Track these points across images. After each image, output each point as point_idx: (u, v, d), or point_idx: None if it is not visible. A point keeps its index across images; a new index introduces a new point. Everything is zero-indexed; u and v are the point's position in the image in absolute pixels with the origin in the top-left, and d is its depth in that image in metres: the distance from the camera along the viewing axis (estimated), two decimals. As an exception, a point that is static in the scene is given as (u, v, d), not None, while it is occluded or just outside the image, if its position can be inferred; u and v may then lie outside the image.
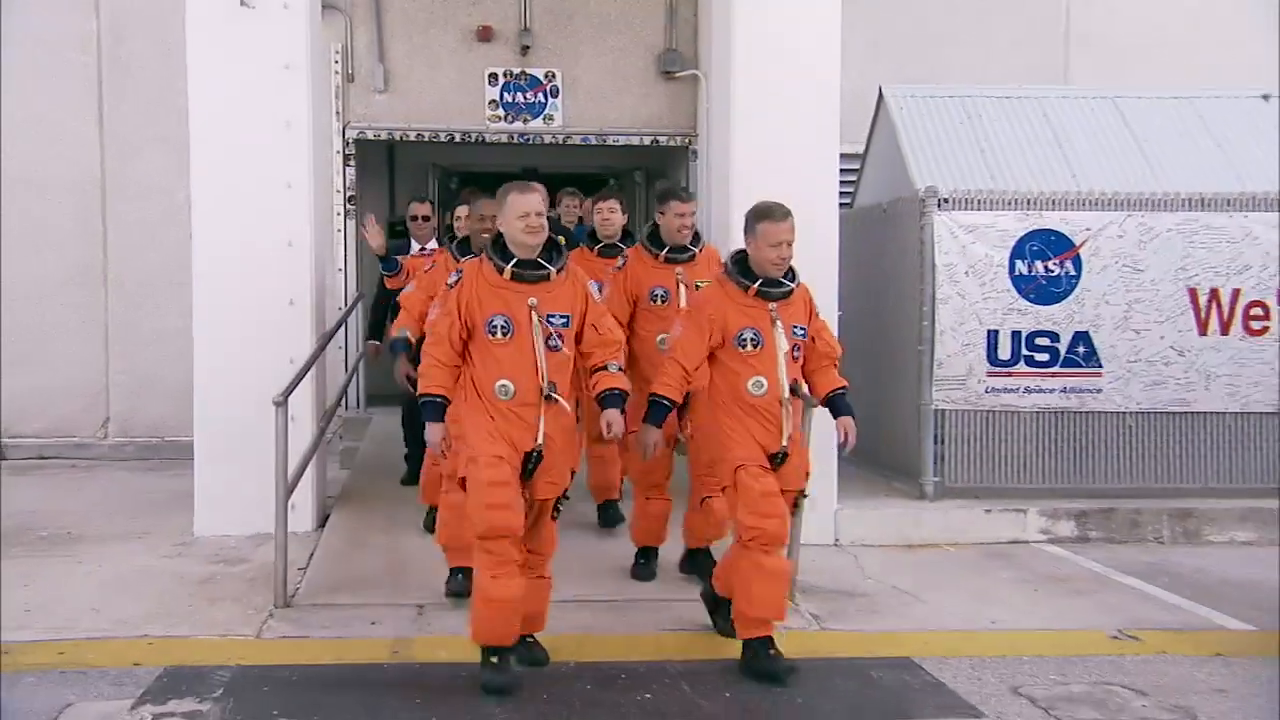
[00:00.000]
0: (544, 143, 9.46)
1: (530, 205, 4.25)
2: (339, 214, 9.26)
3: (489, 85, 9.28)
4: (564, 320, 4.30)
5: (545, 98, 9.32)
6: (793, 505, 4.62)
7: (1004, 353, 7.03)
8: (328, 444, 7.22)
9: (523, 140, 9.42)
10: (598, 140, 9.41)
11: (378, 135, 9.40)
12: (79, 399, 9.17)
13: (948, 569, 6.18)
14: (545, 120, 9.31)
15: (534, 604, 4.35)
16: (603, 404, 4.37)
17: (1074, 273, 7.06)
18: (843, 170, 7.00)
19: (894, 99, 7.84)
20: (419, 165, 10.86)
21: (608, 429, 4.35)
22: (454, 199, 8.19)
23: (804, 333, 4.62)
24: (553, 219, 5.79)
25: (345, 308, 8.47)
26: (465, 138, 9.37)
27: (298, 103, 6.53)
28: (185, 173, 6.60)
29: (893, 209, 7.55)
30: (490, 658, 4.23)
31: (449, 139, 9.39)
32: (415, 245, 7.20)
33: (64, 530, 6.65)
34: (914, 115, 7.71)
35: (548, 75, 9.30)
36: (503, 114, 9.29)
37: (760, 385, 4.48)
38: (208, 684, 4.28)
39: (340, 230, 9.28)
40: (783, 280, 4.55)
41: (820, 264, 5.94)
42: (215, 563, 5.94)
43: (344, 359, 8.69)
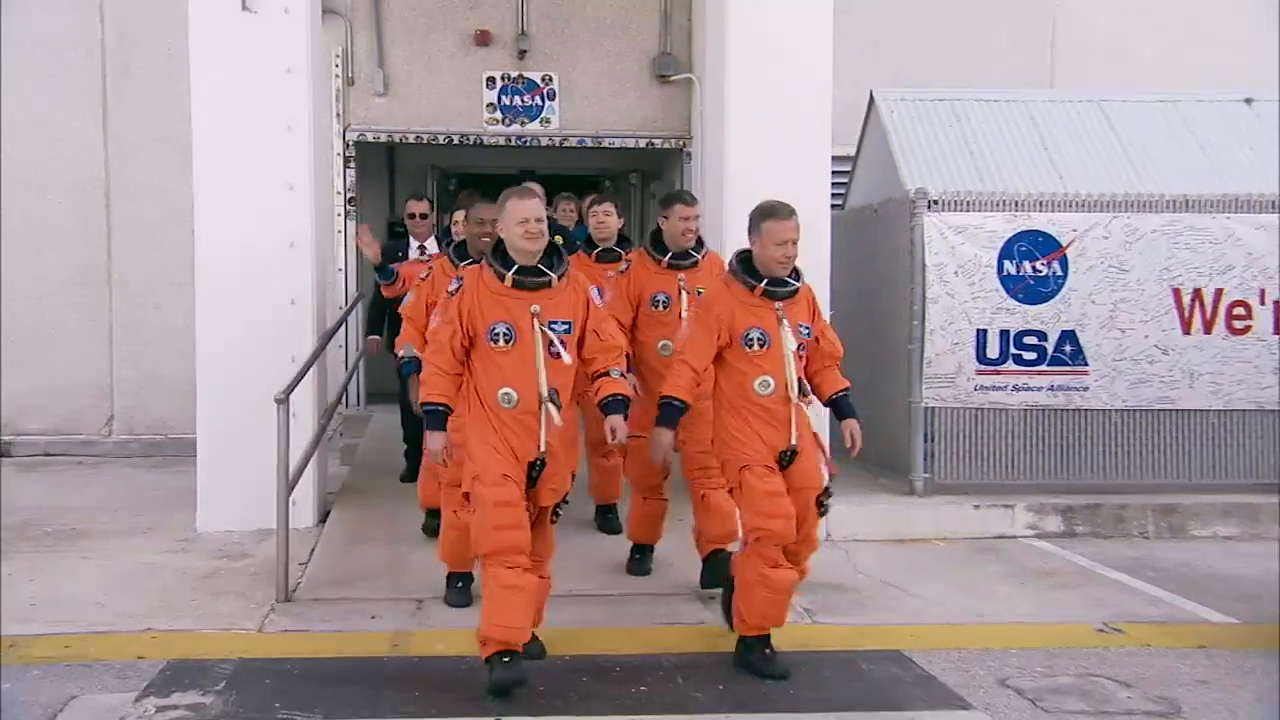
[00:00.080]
0: (541, 145, 9.47)
1: (529, 211, 4.15)
2: (339, 215, 9.26)
3: (487, 89, 9.29)
4: (566, 327, 4.20)
5: (542, 101, 9.32)
6: (816, 504, 4.48)
7: (992, 351, 7.04)
8: (328, 441, 7.22)
9: (520, 143, 9.42)
10: (594, 143, 9.42)
11: (378, 138, 9.41)
12: (84, 397, 9.16)
13: (937, 564, 6.19)
14: (542, 123, 9.32)
15: (534, 602, 4.27)
16: (605, 410, 4.26)
17: (1061, 273, 7.07)
18: (835, 172, 7.03)
19: (884, 102, 7.84)
20: (418, 167, 10.87)
21: (612, 435, 4.25)
22: (452, 200, 8.20)
23: (809, 331, 4.52)
24: (551, 219, 5.75)
25: (345, 307, 8.48)
26: (464, 140, 9.37)
27: (299, 106, 6.53)
28: (187, 173, 6.60)
29: (884, 210, 7.56)
30: (501, 656, 4.08)
31: (448, 141, 9.39)
32: (414, 243, 7.21)
33: (69, 526, 6.65)
34: (904, 118, 7.71)
35: (544, 79, 9.31)
36: (500, 117, 9.30)
37: (767, 385, 4.38)
38: (210, 677, 4.29)
39: (341, 231, 9.27)
40: (788, 279, 4.46)
41: (813, 264, 5.88)
42: (218, 558, 5.94)
43: (344, 357, 8.68)
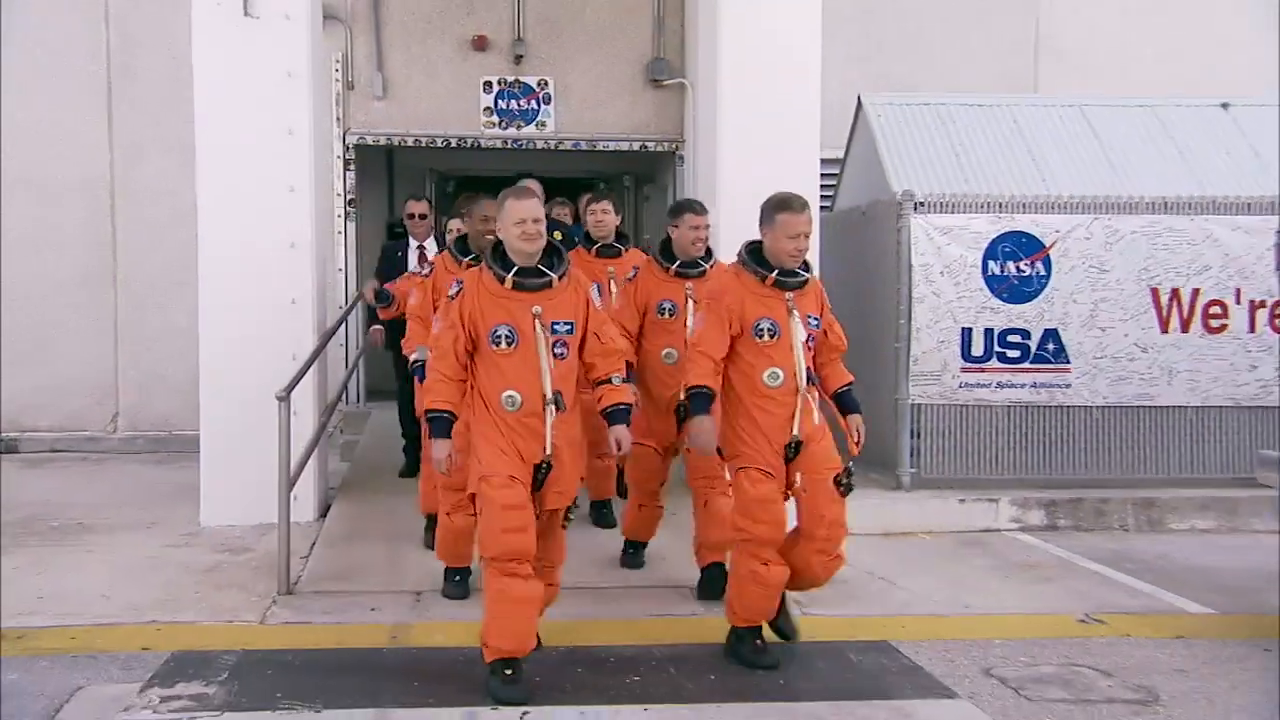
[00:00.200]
0: (537, 148, 9.45)
1: (527, 211, 4.02)
2: (339, 216, 9.25)
3: (484, 93, 9.27)
4: (568, 327, 4.08)
5: (538, 105, 9.31)
6: (836, 484, 4.28)
7: (977, 349, 7.06)
8: (329, 437, 7.21)
9: (516, 145, 9.41)
10: (588, 145, 9.41)
11: (377, 140, 9.39)
12: (90, 394, 9.15)
13: (923, 556, 6.20)
14: (538, 126, 9.31)
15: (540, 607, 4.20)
16: (609, 420, 4.15)
17: (1044, 273, 7.08)
18: (824, 174, 7.03)
19: (872, 106, 7.85)
20: (417, 169, 10.85)
21: (617, 447, 4.15)
22: (450, 201, 8.17)
23: (818, 323, 4.41)
24: (550, 218, 5.68)
25: (345, 306, 8.46)
26: (461, 143, 9.36)
27: (300, 109, 6.52)
28: (191, 175, 6.58)
29: (871, 211, 7.56)
30: (504, 669, 4.00)
31: (446, 144, 9.37)
32: (413, 243, 7.19)
33: (75, 520, 6.63)
34: (891, 122, 7.72)
35: (540, 83, 9.30)
36: (497, 120, 9.29)
37: (776, 376, 4.27)
38: (213, 668, 4.28)
39: (341, 232, 9.26)
40: (798, 270, 4.35)
41: (801, 265, 5.97)
42: (221, 551, 5.93)
43: (344, 356, 8.67)
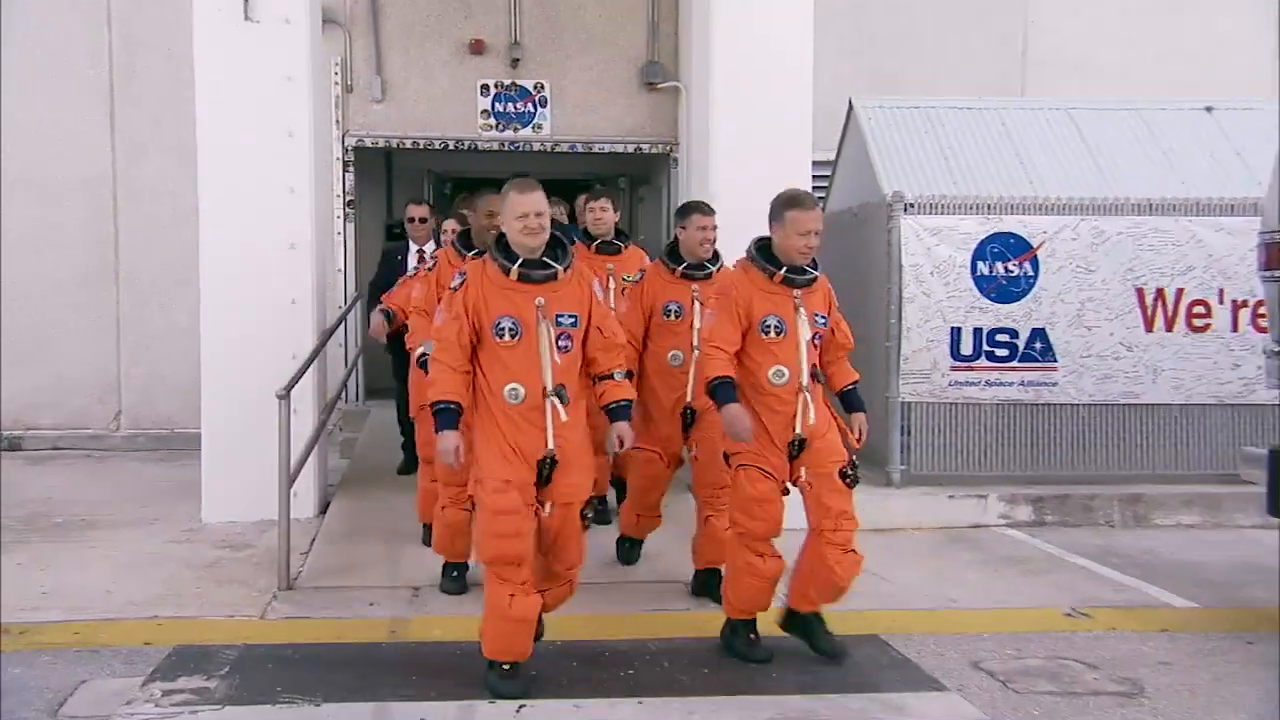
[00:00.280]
0: (533, 150, 9.45)
1: (529, 205, 3.89)
2: (339, 217, 9.25)
3: (481, 96, 9.28)
4: (573, 320, 3.96)
5: (534, 107, 9.31)
6: (841, 477, 4.20)
7: (966, 348, 7.06)
8: (328, 435, 7.20)
9: (513, 148, 9.41)
10: (584, 148, 9.41)
11: (376, 143, 9.39)
12: (93, 393, 9.14)
13: (913, 552, 6.20)
14: (534, 129, 9.31)
15: (552, 599, 4.16)
16: (611, 416, 4.06)
17: (1031, 273, 7.09)
18: (816, 176, 7.03)
19: (863, 109, 7.85)
20: (415, 171, 10.84)
21: (619, 443, 4.04)
22: (449, 203, 8.16)
23: (825, 321, 4.32)
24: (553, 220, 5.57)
25: (344, 306, 8.45)
26: (459, 145, 9.36)
27: (299, 112, 6.51)
28: (192, 177, 6.57)
29: (862, 213, 7.56)
30: (502, 664, 3.98)
31: (443, 146, 9.38)
32: (413, 247, 7.17)
33: (79, 517, 6.62)
34: (882, 125, 7.72)
35: (537, 86, 9.30)
36: (494, 123, 9.29)
37: (781, 375, 4.18)
38: (215, 662, 4.27)
39: (340, 233, 9.26)
40: (806, 268, 4.26)
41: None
42: (222, 547, 5.92)
43: (344, 354, 8.65)
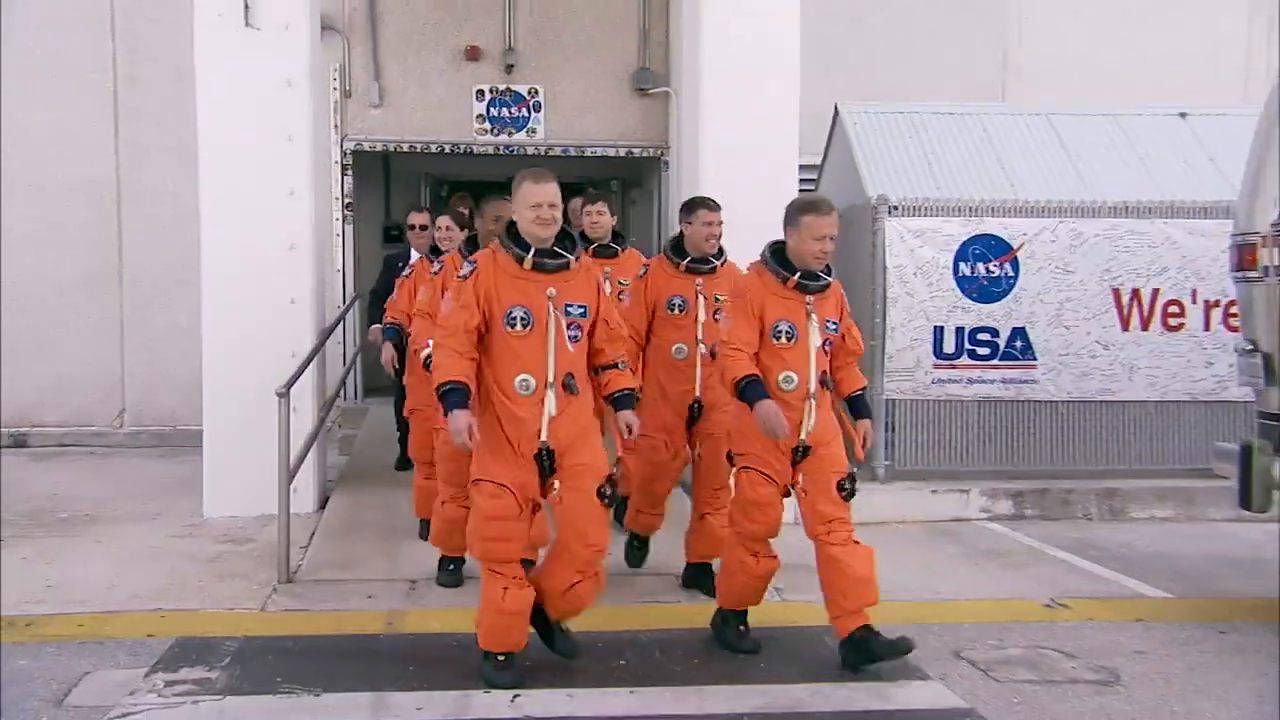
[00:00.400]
0: (527, 154, 9.43)
1: (544, 195, 3.78)
2: (337, 219, 9.24)
3: (476, 101, 9.27)
4: (582, 310, 3.88)
5: (529, 112, 9.31)
6: (839, 489, 4.18)
7: (949, 347, 7.07)
8: (327, 432, 7.18)
9: (508, 151, 9.40)
10: (577, 152, 9.41)
11: (373, 147, 9.38)
12: (97, 390, 9.10)
13: (897, 545, 6.18)
14: (529, 133, 9.31)
15: (587, 601, 3.93)
16: (616, 405, 4.01)
17: (1012, 274, 7.10)
18: (802, 180, 7.02)
19: (848, 114, 7.85)
20: (412, 174, 10.84)
21: (628, 430, 3.97)
22: (445, 205, 8.13)
23: (836, 327, 4.25)
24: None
25: (343, 306, 8.44)
26: (454, 149, 9.35)
27: (299, 116, 6.49)
28: (193, 180, 6.55)
29: (847, 215, 7.52)
30: (497, 655, 3.95)
31: (439, 150, 9.37)
32: (414, 254, 7.10)
33: (83, 512, 6.60)
34: (867, 130, 7.72)
35: (531, 92, 9.29)
36: (489, 127, 9.29)
37: (791, 380, 4.11)
38: (216, 653, 4.27)
39: (339, 235, 9.26)
40: (820, 274, 4.18)
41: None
42: (223, 542, 5.91)
43: (342, 353, 8.64)
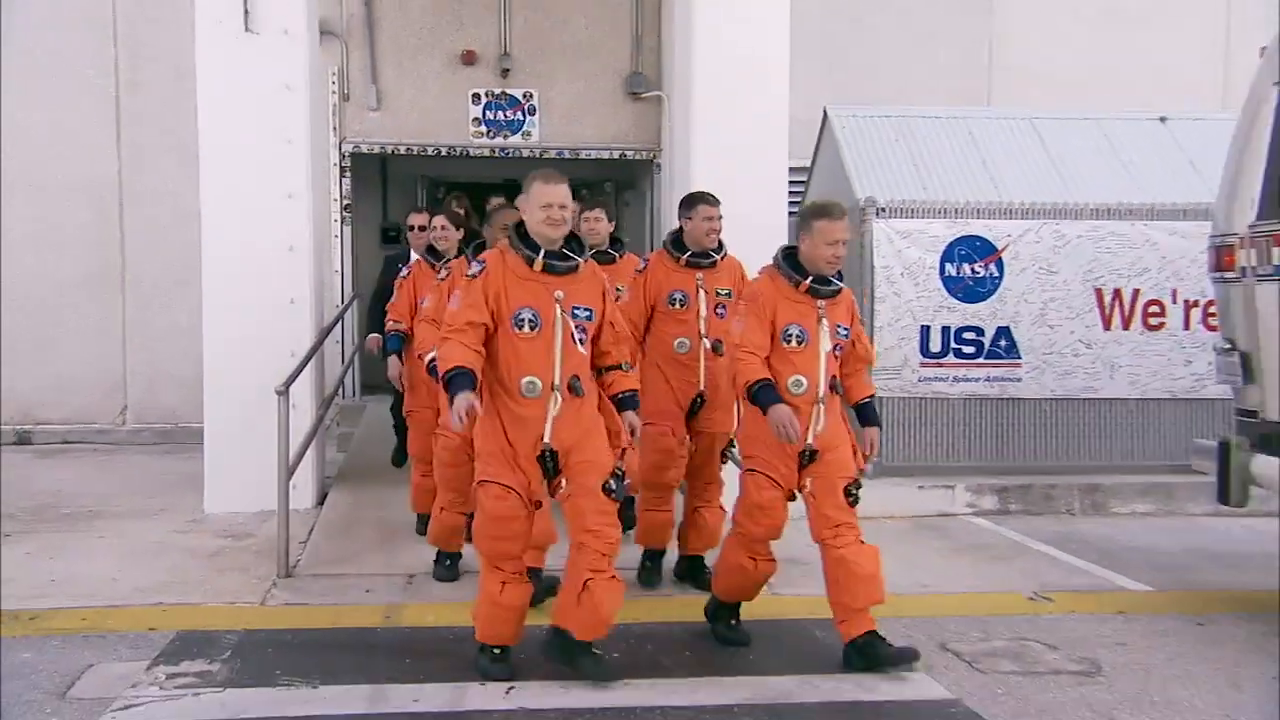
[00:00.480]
0: (522, 156, 9.44)
1: (555, 196, 3.70)
2: (336, 221, 9.24)
3: (472, 104, 9.27)
4: (588, 314, 3.80)
5: (523, 116, 9.31)
6: (845, 494, 4.10)
7: (935, 346, 7.09)
8: (326, 429, 7.18)
9: (503, 154, 9.41)
10: (571, 154, 9.41)
11: (371, 149, 9.37)
12: (99, 389, 9.09)
13: (884, 539, 6.02)
14: (523, 136, 9.32)
15: (605, 608, 3.77)
16: (620, 406, 3.94)
17: (997, 274, 7.12)
18: (792, 182, 7.03)
19: (837, 118, 7.86)
20: (409, 176, 10.84)
21: (632, 432, 3.93)
22: (441, 206, 8.12)
23: (847, 333, 4.18)
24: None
25: (341, 306, 8.43)
26: (451, 151, 9.35)
27: (298, 119, 6.49)
28: (194, 182, 6.54)
29: (835, 217, 7.56)
30: (493, 648, 3.94)
31: (436, 153, 9.37)
32: (413, 256, 7.07)
33: (86, 508, 6.59)
34: (855, 133, 7.73)
35: (525, 95, 9.30)
36: (485, 130, 9.29)
37: (800, 384, 4.04)
38: (217, 646, 4.27)
39: (337, 236, 9.25)
40: (832, 279, 4.13)
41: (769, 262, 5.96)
42: (223, 537, 5.91)
43: (341, 352, 8.64)
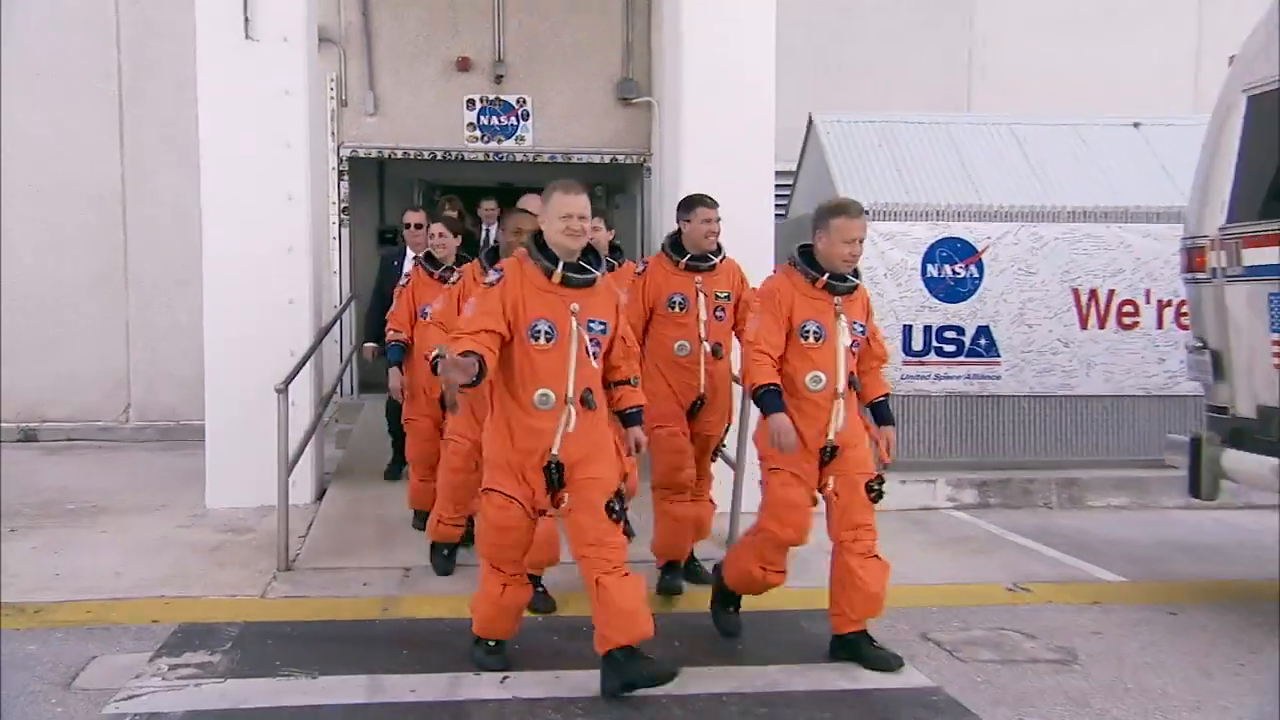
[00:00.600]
0: (516, 161, 9.43)
1: (574, 206, 3.60)
2: (334, 223, 9.21)
3: (467, 110, 9.25)
4: (603, 327, 3.70)
5: (517, 121, 9.29)
6: (867, 490, 4.04)
7: (917, 344, 7.11)
8: (324, 427, 7.17)
9: (497, 158, 9.39)
10: (563, 158, 9.39)
11: (368, 153, 9.34)
12: (103, 387, 9.07)
13: (867, 532, 6.21)
14: (517, 140, 9.29)
15: (620, 600, 3.62)
16: (627, 420, 3.88)
17: (977, 275, 7.15)
18: (778, 185, 7.04)
19: (822, 123, 7.87)
20: (406, 180, 10.81)
21: (636, 447, 3.87)
22: (435, 210, 8.10)
23: (863, 330, 4.10)
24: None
25: (339, 306, 8.41)
26: (446, 156, 9.32)
27: (297, 124, 6.47)
28: (195, 185, 6.51)
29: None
30: (488, 641, 3.94)
31: (432, 157, 9.34)
32: (409, 254, 7.07)
33: (90, 504, 6.57)
34: (839, 137, 7.74)
35: (519, 101, 9.28)
36: (480, 135, 9.27)
37: (819, 380, 3.97)
38: (218, 638, 4.26)
39: (335, 238, 9.22)
40: (848, 276, 4.05)
41: (759, 268, 5.93)
42: (224, 532, 5.89)
43: (339, 351, 8.62)
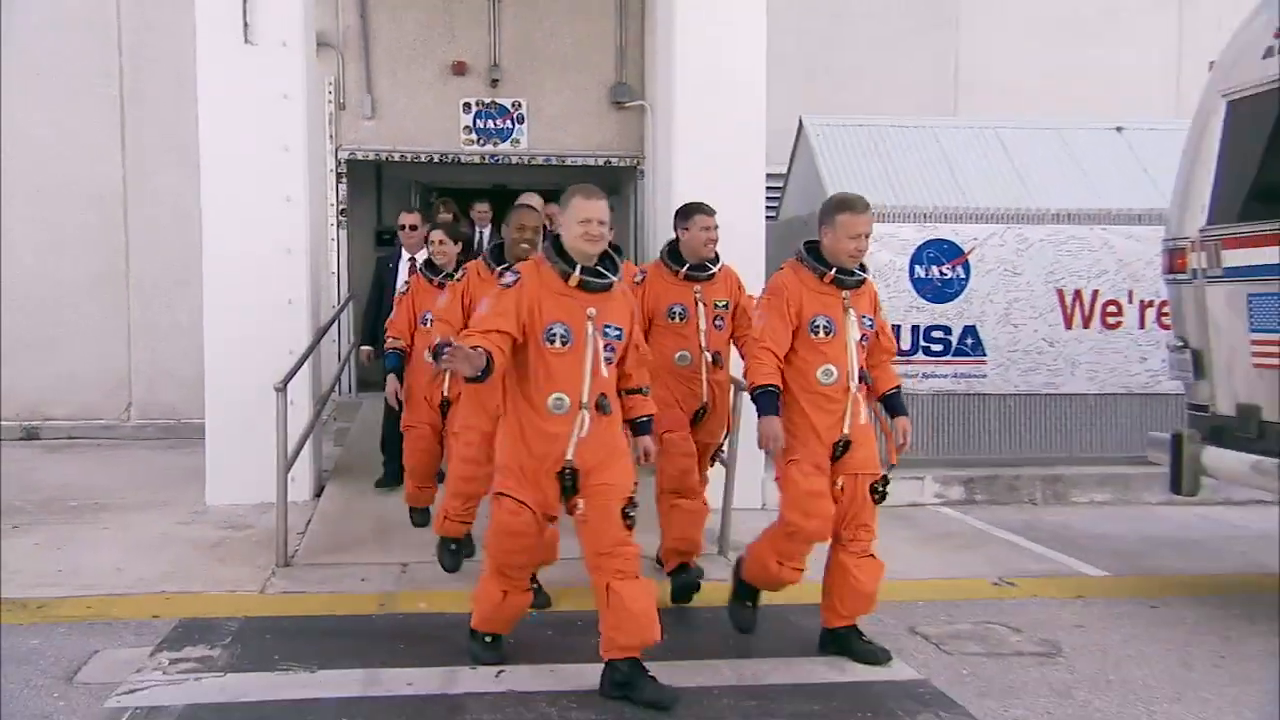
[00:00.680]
0: (511, 163, 9.43)
1: (593, 211, 3.54)
2: (332, 225, 9.21)
3: (463, 113, 9.24)
4: (618, 333, 3.63)
5: (512, 124, 9.29)
6: (871, 491, 4.03)
7: (905, 344, 7.10)
8: (323, 425, 7.16)
9: (493, 161, 9.39)
10: (558, 161, 9.40)
11: (366, 156, 9.33)
12: (105, 386, 9.04)
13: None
14: (512, 143, 9.29)
15: (632, 604, 3.56)
16: (638, 429, 3.83)
17: (963, 276, 7.16)
18: (769, 188, 7.05)
19: (812, 127, 7.88)
20: (403, 182, 10.80)
21: (645, 457, 3.83)
22: (431, 212, 8.09)
23: (871, 323, 4.08)
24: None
25: (337, 306, 8.41)
26: (443, 158, 9.32)
27: (295, 127, 6.46)
28: (196, 187, 6.50)
29: (811, 220, 7.46)
30: (485, 635, 3.93)
31: (429, 159, 9.33)
32: (405, 254, 7.06)
33: (92, 501, 6.56)
34: (829, 141, 7.75)
35: (514, 104, 9.27)
36: (475, 138, 9.26)
37: (830, 374, 3.96)
38: (218, 633, 4.26)
39: (333, 239, 9.22)
40: (855, 270, 4.03)
41: (750, 269, 5.94)
42: (224, 528, 5.89)
43: (337, 351, 8.61)
